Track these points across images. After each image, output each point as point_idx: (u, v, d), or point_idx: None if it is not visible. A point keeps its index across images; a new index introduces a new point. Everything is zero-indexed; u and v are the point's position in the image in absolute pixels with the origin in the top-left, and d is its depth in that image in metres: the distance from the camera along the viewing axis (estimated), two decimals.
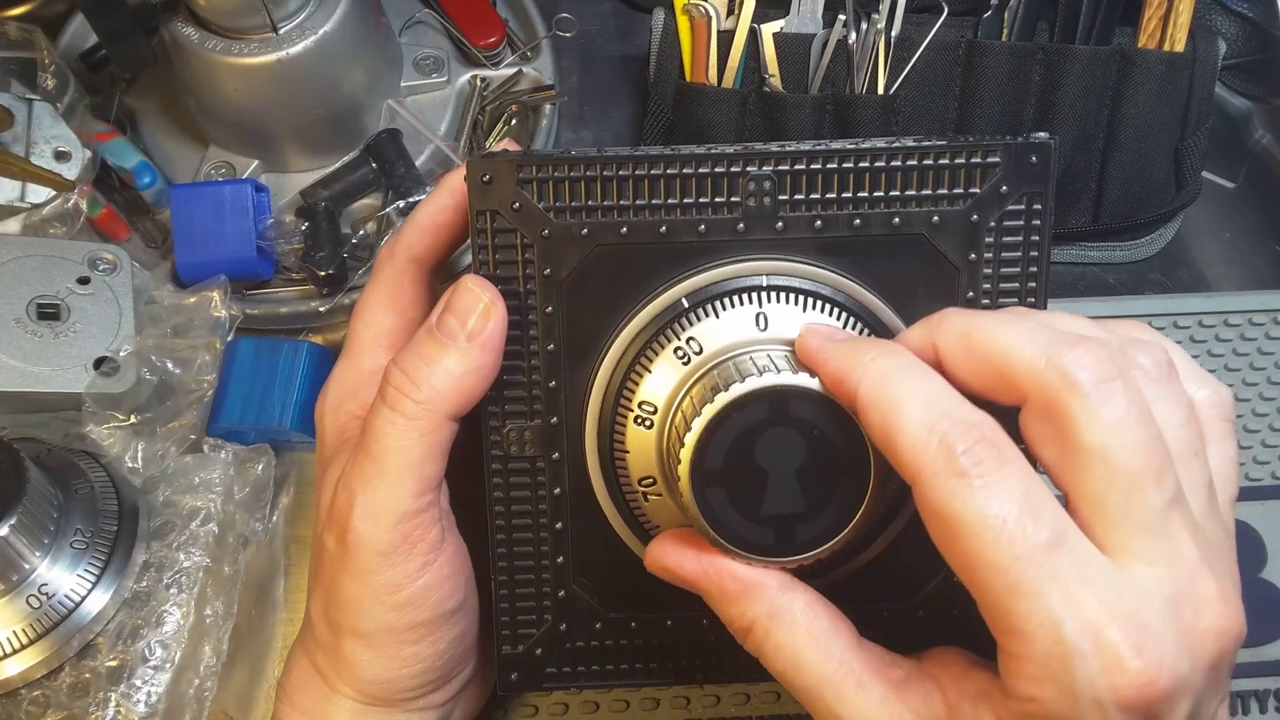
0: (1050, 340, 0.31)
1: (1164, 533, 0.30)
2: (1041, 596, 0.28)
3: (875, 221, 0.37)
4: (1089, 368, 0.30)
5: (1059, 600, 0.28)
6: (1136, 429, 0.30)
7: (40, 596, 0.48)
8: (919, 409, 0.30)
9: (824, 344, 0.33)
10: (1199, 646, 0.29)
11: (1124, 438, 0.30)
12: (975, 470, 0.29)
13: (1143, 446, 0.30)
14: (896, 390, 0.31)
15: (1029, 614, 0.29)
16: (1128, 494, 0.29)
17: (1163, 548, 0.29)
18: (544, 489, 0.39)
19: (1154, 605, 0.29)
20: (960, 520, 0.29)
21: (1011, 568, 0.29)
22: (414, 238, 0.42)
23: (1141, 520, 0.29)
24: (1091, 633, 0.28)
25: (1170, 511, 0.30)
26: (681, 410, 0.35)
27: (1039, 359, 0.30)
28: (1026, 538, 0.29)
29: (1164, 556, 0.29)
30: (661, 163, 0.36)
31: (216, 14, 0.57)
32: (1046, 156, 0.36)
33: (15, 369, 0.52)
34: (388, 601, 0.37)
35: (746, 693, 0.49)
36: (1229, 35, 0.66)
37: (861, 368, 0.32)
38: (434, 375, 0.36)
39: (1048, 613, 0.28)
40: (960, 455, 0.29)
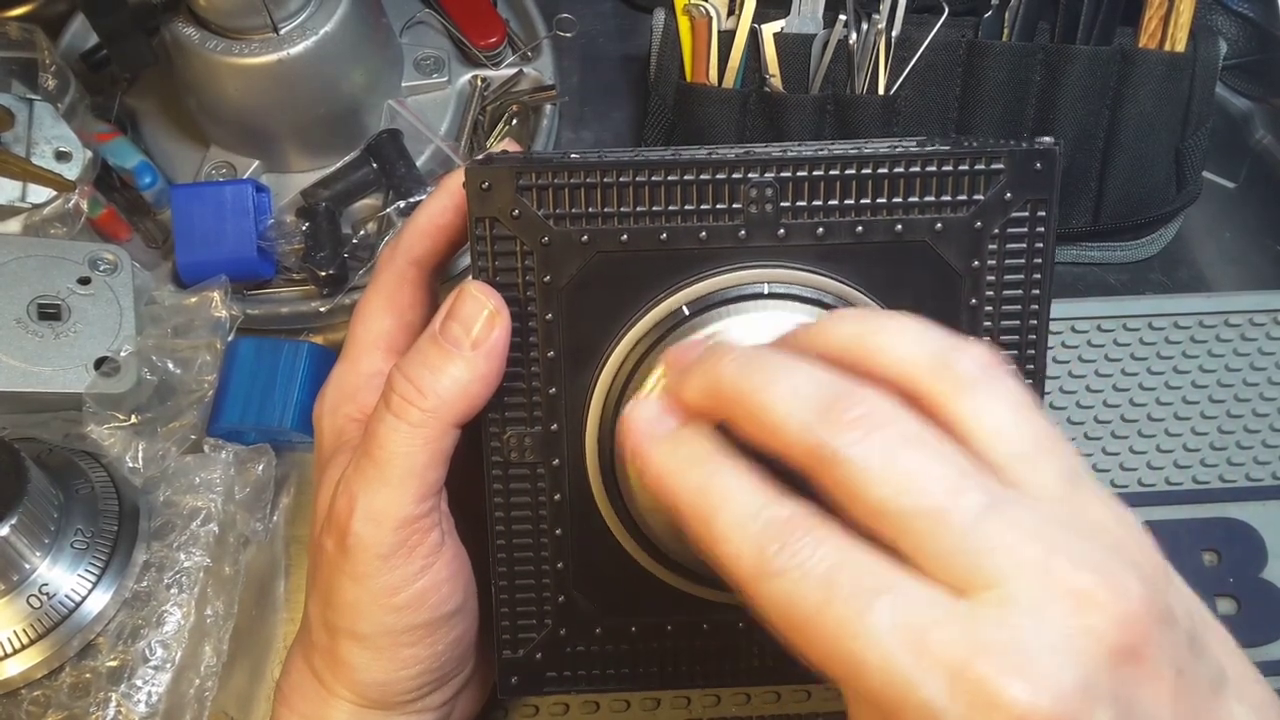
0: (809, 408, 0.29)
1: (988, 547, 0.26)
2: (887, 664, 0.26)
3: (878, 228, 0.37)
4: (844, 430, 0.28)
5: (906, 660, 0.25)
6: (908, 466, 0.27)
7: (41, 596, 0.48)
8: (734, 513, 0.29)
9: (644, 443, 0.32)
10: (1090, 646, 0.25)
11: (898, 481, 0.27)
12: (790, 563, 0.27)
13: (920, 479, 0.27)
14: (711, 502, 0.29)
15: (884, 686, 0.26)
16: (932, 529, 0.27)
17: (996, 562, 0.26)
18: (544, 495, 0.39)
19: (1014, 624, 0.25)
20: (787, 619, 0.27)
21: (849, 647, 0.26)
22: (413, 240, 0.42)
23: (959, 546, 0.27)
24: (953, 680, 0.25)
25: (985, 522, 0.27)
26: None
27: (799, 437, 0.29)
28: (852, 610, 0.26)
29: (1003, 569, 0.26)
30: (662, 169, 0.36)
31: (217, 14, 0.57)
32: (1051, 163, 0.36)
33: (16, 369, 0.52)
34: (386, 604, 0.37)
35: (747, 693, 0.49)
36: (1229, 35, 0.66)
37: (680, 475, 0.30)
38: (440, 383, 0.36)
39: (900, 678, 0.25)
40: (772, 557, 0.28)
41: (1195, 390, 0.55)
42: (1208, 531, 0.53)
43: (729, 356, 0.31)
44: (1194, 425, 0.55)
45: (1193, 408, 0.55)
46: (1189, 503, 0.54)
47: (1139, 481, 0.54)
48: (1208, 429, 0.55)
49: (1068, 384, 0.56)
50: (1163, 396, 0.55)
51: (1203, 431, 0.55)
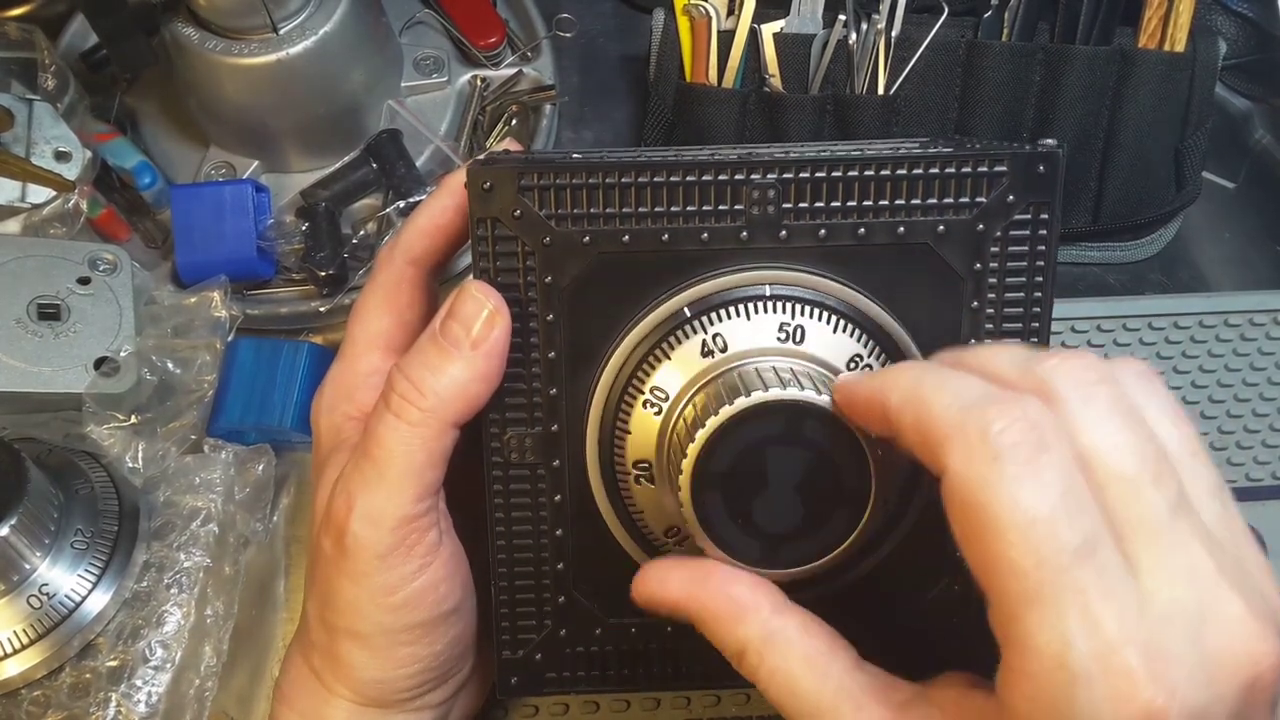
0: (1028, 356, 0.30)
1: (1173, 541, 0.27)
2: (1057, 611, 0.26)
3: (880, 230, 0.36)
4: (1069, 372, 0.29)
5: (1075, 618, 0.26)
6: (1124, 431, 0.28)
7: (41, 596, 0.48)
8: (952, 394, 0.28)
9: (857, 377, 0.32)
10: (1222, 674, 0.27)
11: (1114, 437, 0.28)
12: (1011, 454, 0.27)
13: (1133, 448, 0.28)
14: (927, 385, 0.29)
15: (1039, 628, 0.26)
16: (1127, 497, 0.27)
17: (1176, 560, 0.27)
18: (544, 496, 0.39)
19: (1174, 629, 0.26)
20: (985, 512, 0.27)
21: (1032, 574, 0.26)
22: (413, 239, 0.42)
23: (1148, 526, 0.27)
24: (1103, 656, 0.26)
25: (1177, 519, 0.27)
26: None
27: (1016, 369, 0.29)
28: (1055, 542, 0.26)
29: (1179, 571, 0.27)
30: (664, 170, 0.36)
31: (217, 14, 0.57)
32: (1054, 165, 0.36)
33: (16, 369, 0.52)
34: (384, 603, 0.37)
35: (747, 693, 0.49)
36: (1229, 35, 0.66)
37: (892, 380, 0.30)
38: (439, 382, 0.36)
39: (1059, 630, 0.26)
40: (995, 436, 0.27)
41: (1195, 390, 0.55)
42: None
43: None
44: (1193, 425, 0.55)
45: (1193, 408, 0.55)
46: None
47: None
48: (1208, 429, 0.55)
49: None
50: None
51: (1203, 432, 0.55)
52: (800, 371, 0.34)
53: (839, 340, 0.36)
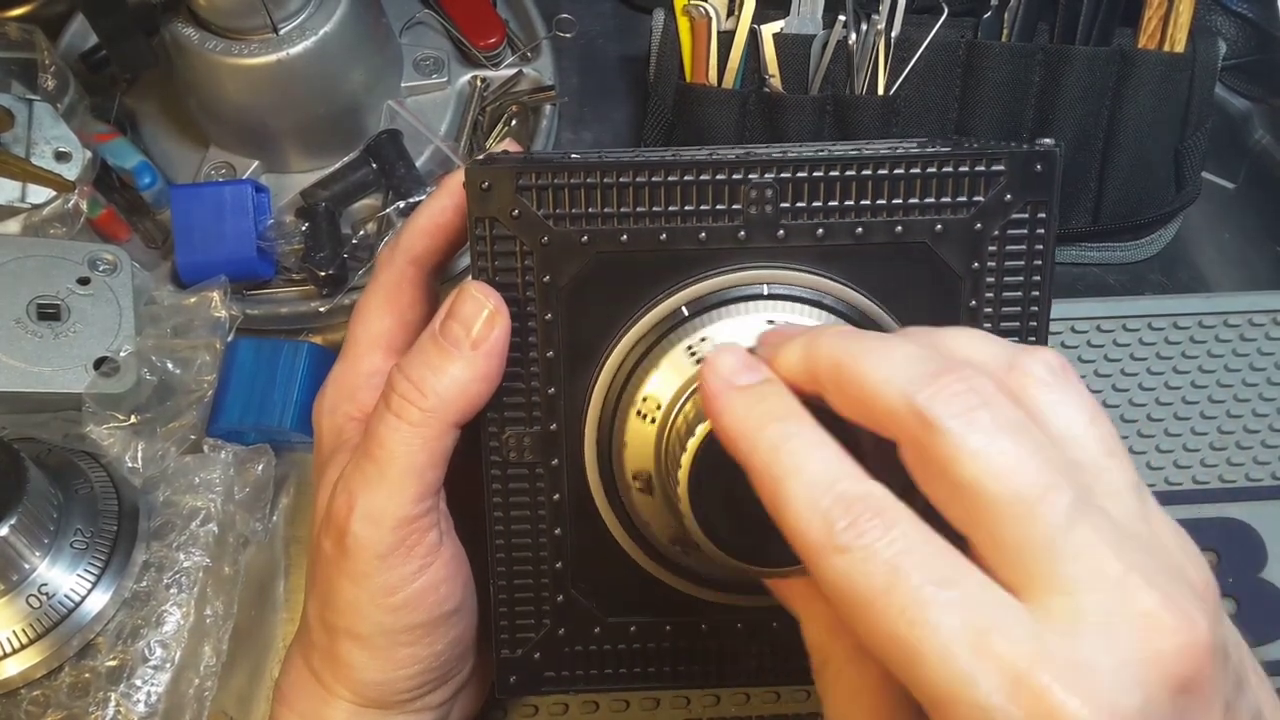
0: (911, 378, 0.28)
1: (1071, 552, 0.26)
2: (946, 659, 0.25)
3: (877, 230, 0.36)
4: (947, 401, 0.28)
5: (966, 657, 0.25)
6: (1008, 451, 0.27)
7: (40, 596, 0.48)
8: (805, 485, 0.28)
9: (723, 390, 0.31)
10: (1150, 672, 0.25)
11: (994, 464, 0.27)
12: (856, 543, 0.27)
13: (1018, 468, 0.27)
14: (784, 464, 0.29)
15: (938, 681, 0.25)
16: (1016, 521, 0.26)
17: (1075, 570, 0.26)
18: (543, 495, 0.39)
19: (1083, 638, 0.25)
20: (850, 596, 0.27)
21: (908, 635, 0.26)
22: (413, 240, 0.42)
23: (1041, 545, 0.26)
24: (1012, 684, 0.25)
25: (1074, 527, 0.26)
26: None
27: (899, 401, 0.28)
28: (916, 600, 0.26)
29: (1080, 579, 0.26)
30: (662, 170, 0.36)
31: (216, 14, 0.57)
32: (1052, 165, 0.36)
33: (15, 369, 0.52)
34: (384, 604, 0.37)
35: (746, 693, 0.49)
36: (1229, 35, 0.66)
37: (754, 435, 0.30)
38: (440, 383, 0.36)
39: (957, 675, 0.25)
40: (840, 532, 0.27)
41: (1195, 390, 0.55)
42: (1207, 531, 0.53)
43: (829, 330, 0.31)
44: (1193, 425, 0.55)
45: (1192, 408, 0.55)
46: (1188, 503, 0.54)
47: None
48: (1207, 429, 0.55)
49: None
50: (1162, 397, 0.55)
51: (1202, 431, 0.55)
52: None
53: None
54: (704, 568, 0.39)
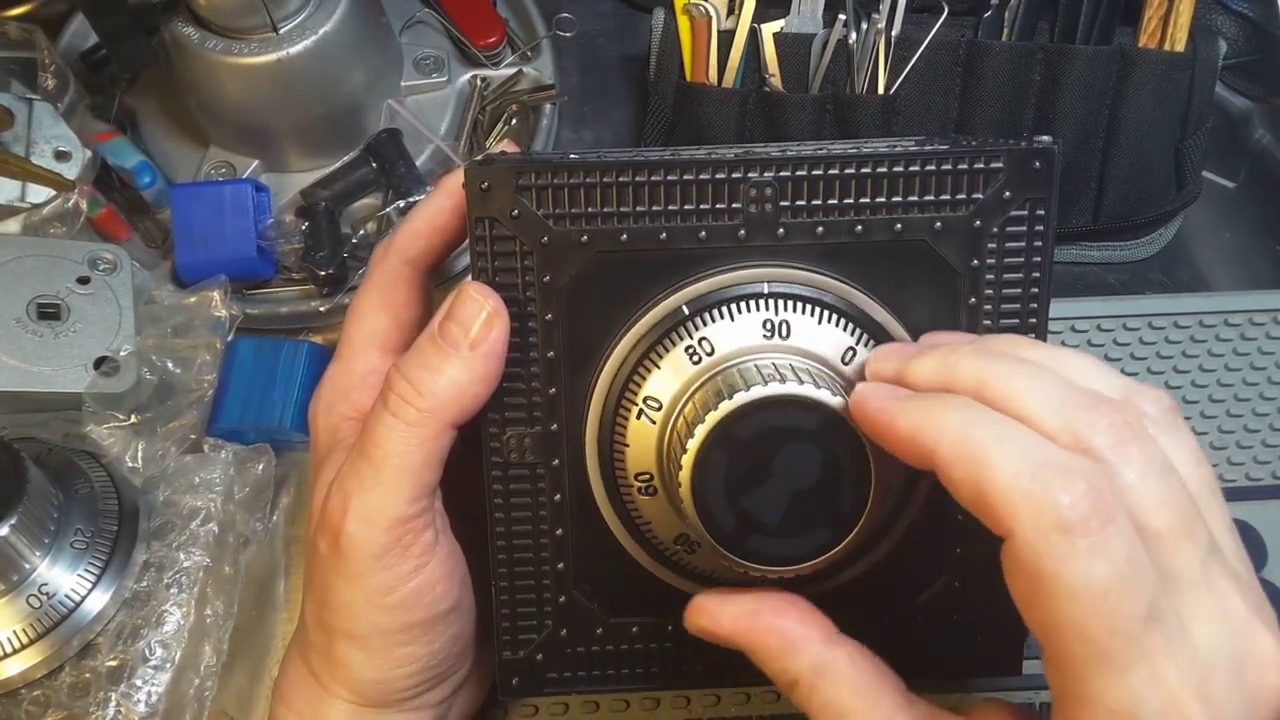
0: (1066, 404, 0.29)
1: (1208, 586, 0.28)
2: (1127, 673, 0.27)
3: (877, 228, 0.36)
4: (1103, 430, 0.29)
5: (1144, 679, 0.27)
6: (1158, 487, 0.29)
7: (40, 596, 0.48)
8: (1013, 455, 0.28)
9: (886, 403, 0.31)
10: (1261, 710, 0.28)
11: (1150, 496, 0.28)
12: (1081, 527, 0.27)
13: (1169, 504, 0.28)
14: (981, 439, 0.29)
15: (1108, 689, 0.27)
16: (1165, 552, 0.28)
17: (1210, 603, 0.28)
18: (544, 495, 0.39)
19: (1219, 673, 0.28)
20: (1056, 581, 0.27)
21: (1104, 640, 0.27)
22: (409, 240, 0.42)
23: (1186, 578, 0.28)
24: (1166, 710, 0.27)
25: (1209, 565, 0.29)
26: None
27: (1057, 425, 0.29)
28: (1125, 610, 0.27)
29: (1215, 615, 0.28)
30: (661, 169, 0.36)
31: (216, 14, 0.57)
32: (1050, 162, 0.36)
33: (15, 369, 0.52)
34: (380, 604, 0.37)
35: (747, 693, 0.49)
36: (1229, 35, 0.66)
37: (936, 424, 0.30)
38: (437, 383, 0.36)
39: (1130, 690, 0.27)
40: (1066, 508, 0.27)
41: (1195, 390, 0.55)
42: None
43: (964, 348, 0.32)
44: (1194, 425, 0.55)
45: (1192, 408, 0.55)
46: None
47: None
48: (1207, 429, 0.55)
49: None
50: None
51: (1202, 431, 0.55)
52: (800, 368, 0.34)
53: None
54: (706, 567, 0.39)
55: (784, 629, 0.34)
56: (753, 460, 0.33)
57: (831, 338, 0.36)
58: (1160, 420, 0.31)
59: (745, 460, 0.33)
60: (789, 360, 0.35)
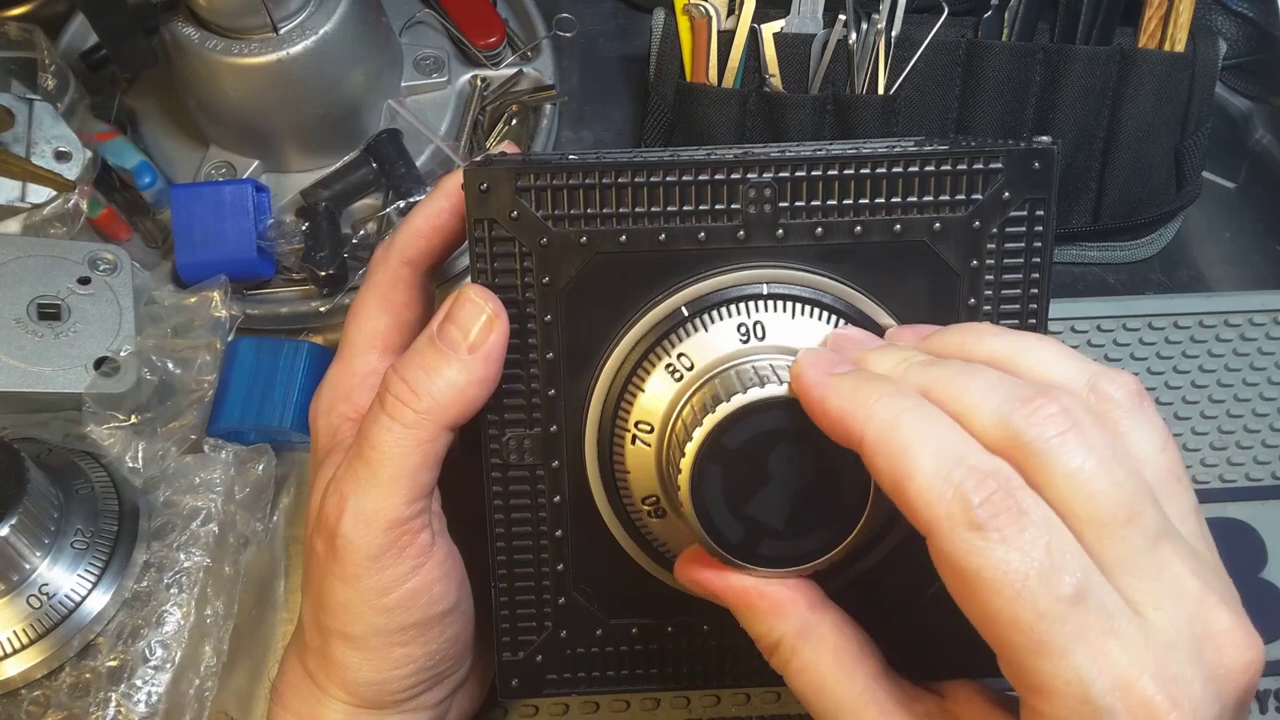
0: (1005, 398, 0.30)
1: (1156, 570, 0.29)
2: (1067, 654, 0.27)
3: (876, 228, 0.36)
4: (1039, 423, 0.29)
5: (1086, 657, 0.27)
6: (1096, 476, 0.29)
7: (41, 596, 0.48)
8: (931, 456, 0.29)
9: (823, 379, 0.31)
10: (1226, 687, 0.29)
11: (1086, 485, 0.28)
12: (992, 523, 0.28)
13: (1107, 492, 0.28)
14: (905, 435, 0.29)
15: (1054, 672, 0.27)
16: (1106, 539, 0.28)
17: (1161, 586, 0.28)
18: (544, 497, 0.39)
19: (1179, 652, 0.28)
20: (978, 576, 0.28)
21: (1035, 625, 0.27)
22: (408, 240, 0.42)
23: (1131, 562, 0.28)
24: (1122, 689, 0.27)
25: (1158, 548, 0.29)
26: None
27: (992, 421, 0.29)
28: (1050, 593, 0.27)
29: (1167, 597, 0.28)
30: (660, 170, 0.36)
31: (217, 14, 0.57)
32: (1049, 162, 0.36)
33: (15, 369, 0.52)
34: (376, 605, 0.37)
35: (746, 693, 0.49)
36: (1229, 35, 0.66)
37: (866, 410, 0.30)
38: (435, 385, 0.36)
39: (1074, 671, 0.27)
40: (976, 508, 0.28)
41: (1195, 390, 0.55)
42: None
43: (914, 344, 0.33)
44: (1194, 425, 0.55)
45: (1192, 408, 0.55)
46: None
47: None
48: (1207, 429, 0.55)
49: None
50: (1163, 397, 0.55)
51: (1202, 431, 0.55)
52: (780, 366, 0.34)
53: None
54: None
55: (772, 591, 0.34)
56: (748, 468, 0.33)
57: (812, 329, 0.36)
58: (1125, 404, 0.31)
59: (740, 469, 0.33)
60: (768, 361, 0.35)
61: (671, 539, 0.38)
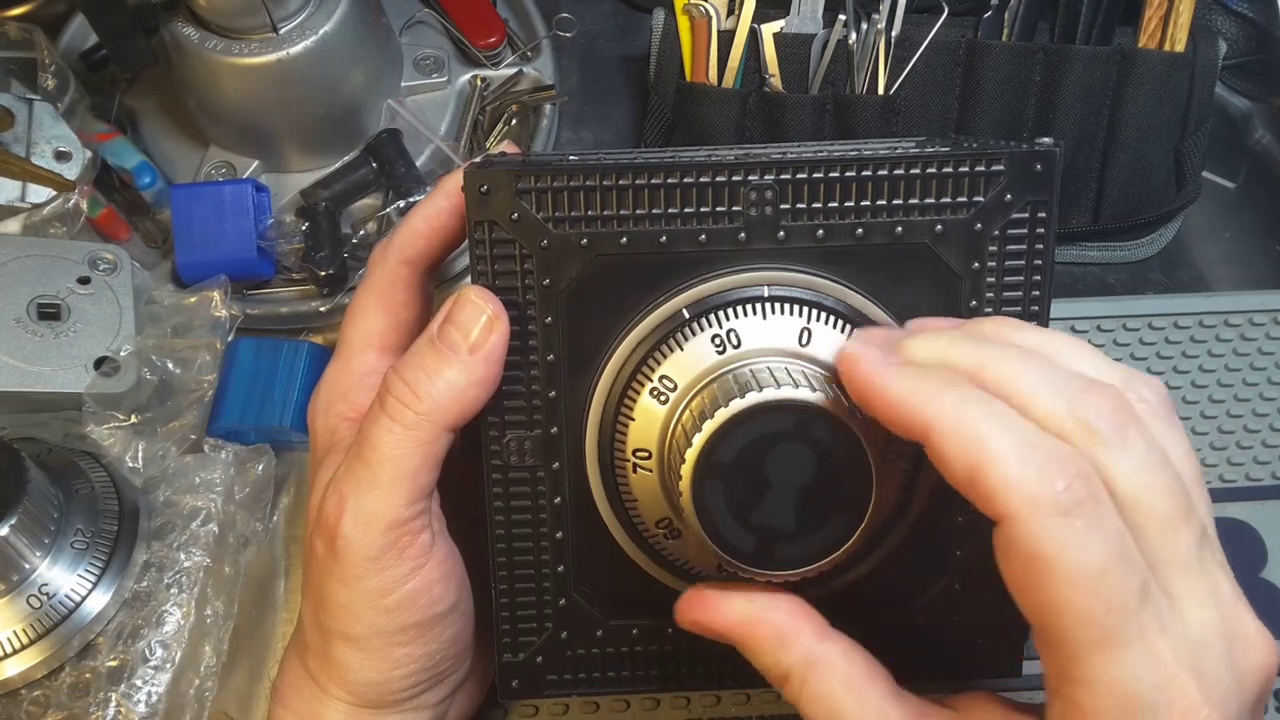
0: (1064, 386, 0.30)
1: (1202, 570, 0.30)
2: (1124, 652, 0.28)
3: (878, 230, 0.36)
4: (1105, 414, 0.29)
5: (1141, 654, 0.28)
6: (1160, 471, 0.29)
7: (41, 596, 0.48)
8: (1009, 439, 0.28)
9: (879, 369, 0.31)
10: (1247, 686, 0.30)
11: (1152, 480, 0.29)
12: (1077, 510, 0.28)
13: (1168, 488, 0.29)
14: (978, 422, 0.29)
15: (1107, 668, 0.28)
16: (1165, 536, 0.29)
17: (1203, 586, 0.29)
18: (544, 498, 0.39)
19: (1212, 651, 0.29)
20: (1055, 563, 0.28)
21: (1103, 620, 0.28)
22: (407, 240, 0.42)
23: (1182, 561, 0.29)
24: (1165, 686, 0.28)
25: (1203, 547, 0.30)
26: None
27: (1057, 405, 0.30)
28: (1121, 589, 0.28)
29: (1208, 596, 0.29)
30: (661, 172, 0.36)
31: (216, 14, 0.57)
32: (1051, 164, 0.36)
33: (16, 369, 0.52)
34: (377, 606, 0.37)
35: (747, 693, 0.49)
36: (1229, 35, 0.66)
37: (933, 396, 0.30)
38: (435, 387, 0.36)
39: (1128, 667, 0.28)
40: (1061, 493, 0.28)
41: (1195, 390, 0.55)
42: None
43: (954, 331, 0.33)
44: (1194, 425, 0.55)
45: (1192, 408, 0.55)
46: None
47: None
48: (1207, 429, 0.55)
49: None
50: None
51: (1202, 431, 0.55)
52: (795, 370, 0.34)
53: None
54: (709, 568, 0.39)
55: (776, 623, 0.34)
56: (746, 477, 0.33)
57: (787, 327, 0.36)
58: (1157, 408, 0.32)
59: (739, 480, 0.33)
60: (747, 367, 0.34)
61: (694, 557, 0.38)
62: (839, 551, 0.34)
